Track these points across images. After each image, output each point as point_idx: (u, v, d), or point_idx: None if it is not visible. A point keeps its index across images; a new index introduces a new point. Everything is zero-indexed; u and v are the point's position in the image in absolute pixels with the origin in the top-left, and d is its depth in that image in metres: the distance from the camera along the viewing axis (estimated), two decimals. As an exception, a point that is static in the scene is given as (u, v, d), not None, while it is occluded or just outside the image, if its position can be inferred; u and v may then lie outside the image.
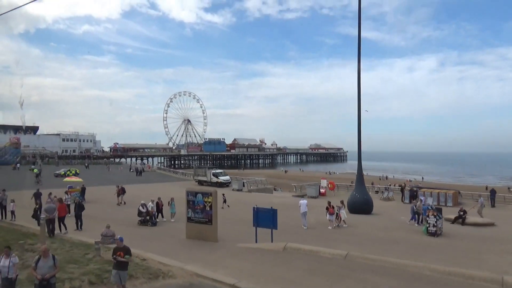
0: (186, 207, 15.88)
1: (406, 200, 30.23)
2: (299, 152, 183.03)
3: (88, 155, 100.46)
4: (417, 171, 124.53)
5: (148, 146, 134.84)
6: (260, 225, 14.91)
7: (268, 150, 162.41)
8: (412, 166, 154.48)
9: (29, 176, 53.42)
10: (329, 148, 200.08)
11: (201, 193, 15.64)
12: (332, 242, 15.81)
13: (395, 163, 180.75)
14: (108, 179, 52.09)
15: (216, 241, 15.17)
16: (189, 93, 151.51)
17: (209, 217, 15.27)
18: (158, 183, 48.11)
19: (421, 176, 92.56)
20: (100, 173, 63.08)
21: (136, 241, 15.17)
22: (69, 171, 55.36)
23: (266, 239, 14.71)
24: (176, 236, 16.24)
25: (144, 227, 17.98)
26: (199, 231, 15.43)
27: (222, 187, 42.79)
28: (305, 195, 34.35)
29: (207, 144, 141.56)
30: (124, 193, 29.62)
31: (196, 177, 46.91)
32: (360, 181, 25.72)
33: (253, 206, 15.36)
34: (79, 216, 17.67)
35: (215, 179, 43.59)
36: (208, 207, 15.30)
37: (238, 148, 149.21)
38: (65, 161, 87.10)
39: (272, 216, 14.61)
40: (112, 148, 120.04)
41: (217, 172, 45.22)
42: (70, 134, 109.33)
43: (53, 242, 14.27)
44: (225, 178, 44.05)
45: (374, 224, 21.16)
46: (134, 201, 29.65)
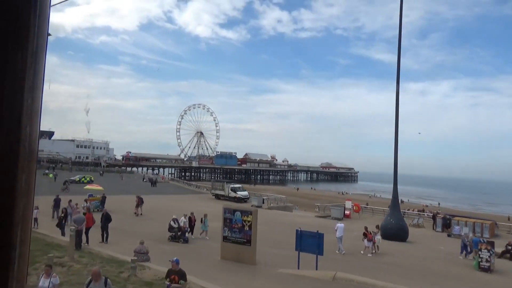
0: (222, 225, 14.79)
1: (438, 228, 28.65)
2: (310, 170, 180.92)
3: (99, 163, 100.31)
4: (430, 196, 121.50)
5: (160, 156, 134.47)
6: (304, 250, 13.73)
7: (279, 167, 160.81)
8: (426, 191, 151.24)
9: (46, 181, 52.93)
10: (340, 167, 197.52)
11: (239, 211, 14.57)
12: (378, 272, 14.50)
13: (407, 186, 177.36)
14: (123, 189, 51.26)
15: (255, 264, 13.99)
16: (203, 106, 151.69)
17: (248, 238, 14.15)
18: (174, 195, 47.11)
19: (437, 202, 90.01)
20: (114, 181, 62.39)
21: (166, 258, 14.05)
22: (84, 178, 54.78)
23: (305, 264, 13.52)
24: (210, 256, 15.09)
25: (175, 243, 16.86)
26: (236, 252, 14.29)
27: (239, 202, 41.59)
28: (329, 216, 32.97)
29: (219, 158, 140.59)
30: (142, 204, 28.74)
31: (213, 190, 45.76)
32: (396, 206, 24.37)
33: (297, 229, 14.26)
34: (105, 228, 16.69)
35: (233, 194, 42.39)
36: (247, 226, 14.19)
37: (250, 163, 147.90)
38: (79, 167, 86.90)
39: (318, 240, 13.45)
40: (125, 156, 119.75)
41: (236, 187, 44.01)
42: (84, 140, 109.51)
43: (81, 255, 13.26)
44: (243, 193, 42.80)
45: (413, 254, 19.75)
46: (152, 213, 28.70)
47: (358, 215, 34.02)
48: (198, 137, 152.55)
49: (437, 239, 24.44)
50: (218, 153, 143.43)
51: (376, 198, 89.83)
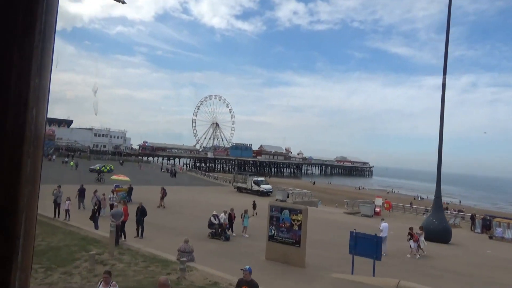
0: (268, 224, 13.76)
1: (477, 229, 27.15)
2: (325, 163, 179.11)
3: (119, 152, 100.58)
4: (449, 193, 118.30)
5: (176, 146, 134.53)
6: (359, 253, 12.60)
7: (294, 159, 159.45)
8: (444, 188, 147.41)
9: (66, 169, 52.86)
10: (355, 161, 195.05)
11: (288, 209, 13.51)
12: (435, 279, 13.32)
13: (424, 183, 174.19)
14: (143, 179, 50.78)
15: (304, 267, 12.96)
16: (219, 97, 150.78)
17: (297, 238, 13.10)
18: (194, 187, 46.42)
19: (458, 200, 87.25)
20: (133, 171, 62.11)
21: (209, 258, 13.19)
22: (104, 167, 54.55)
23: (355, 268, 12.44)
24: (253, 256, 14.10)
25: (216, 241, 15.92)
26: (283, 253, 13.26)
27: (262, 196, 40.64)
28: (359, 212, 31.75)
29: (234, 149, 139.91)
30: (165, 196, 28.02)
31: (235, 183, 44.90)
32: (439, 206, 22.99)
33: (351, 230, 13.11)
34: (141, 222, 15.85)
35: (256, 187, 41.39)
36: (296, 226, 13.14)
37: (265, 155, 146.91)
38: (97, 156, 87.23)
39: (376, 244, 12.30)
40: (141, 146, 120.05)
41: (259, 180, 42.97)
42: (102, 129, 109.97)
43: (121, 252, 12.42)
44: (267, 187, 41.78)
45: (462, 258, 18.46)
46: (176, 206, 27.86)
47: (388, 213, 32.69)
48: (213, 128, 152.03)
49: (480, 242, 23.06)
50: (234, 144, 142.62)
51: (394, 194, 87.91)
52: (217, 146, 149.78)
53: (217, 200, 34.42)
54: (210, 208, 27.80)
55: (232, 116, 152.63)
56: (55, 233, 14.68)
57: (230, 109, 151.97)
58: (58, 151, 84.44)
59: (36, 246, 10.48)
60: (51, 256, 11.45)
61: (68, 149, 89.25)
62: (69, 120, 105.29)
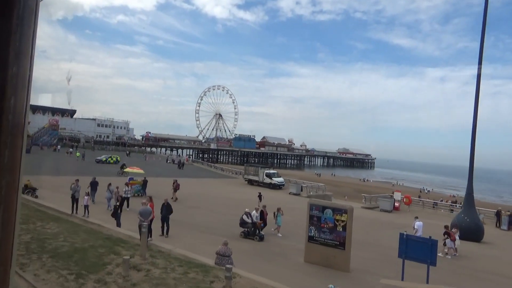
0: (308, 224, 12.73)
1: (504, 226, 26.19)
2: (327, 155, 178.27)
3: (122, 142, 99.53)
4: (452, 185, 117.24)
5: (179, 137, 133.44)
6: (410, 258, 11.57)
7: (297, 151, 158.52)
8: (447, 180, 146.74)
9: (72, 159, 51.82)
10: (357, 153, 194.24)
11: (331, 208, 12.46)
12: (483, 283, 12.36)
13: (426, 175, 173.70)
14: (151, 170, 49.67)
15: (348, 271, 11.96)
16: (223, 88, 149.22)
17: (341, 240, 12.08)
18: (203, 179, 45.42)
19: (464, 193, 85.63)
20: (139, 162, 61.05)
21: (244, 259, 12.18)
22: (110, 158, 53.53)
23: (395, 272, 11.46)
24: (291, 258, 13.11)
25: (249, 241, 14.87)
26: (325, 255, 12.25)
27: (274, 189, 39.70)
28: (377, 207, 30.78)
29: (237, 140, 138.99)
30: (178, 189, 27.07)
31: (246, 175, 43.95)
32: (470, 203, 21.98)
33: (401, 232, 12.06)
34: (167, 220, 14.82)
35: (268, 180, 40.36)
36: (340, 227, 12.11)
37: (268, 147, 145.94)
38: (101, 147, 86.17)
39: (431, 248, 11.26)
40: (144, 137, 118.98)
41: (271, 173, 41.88)
42: (105, 120, 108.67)
43: (152, 255, 11.38)
44: (279, 179, 40.72)
45: (502, 258, 17.49)
46: (191, 200, 26.82)
47: (408, 208, 31.73)
48: (216, 119, 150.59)
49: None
50: (237, 135, 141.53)
51: (399, 187, 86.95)
52: (220, 137, 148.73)
53: (231, 193, 33.51)
54: (227, 203, 27.03)
55: (235, 107, 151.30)
56: (76, 231, 13.65)
57: (233, 100, 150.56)
58: (62, 141, 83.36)
59: (59, 246, 9.03)
60: (79, 260, 10.42)
61: (72, 139, 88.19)
62: (72, 109, 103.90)
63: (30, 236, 12.53)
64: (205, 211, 21.68)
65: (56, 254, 10.80)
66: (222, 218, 19.75)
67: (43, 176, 31.12)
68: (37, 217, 15.43)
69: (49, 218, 15.48)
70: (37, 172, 33.30)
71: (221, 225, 16.96)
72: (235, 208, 23.90)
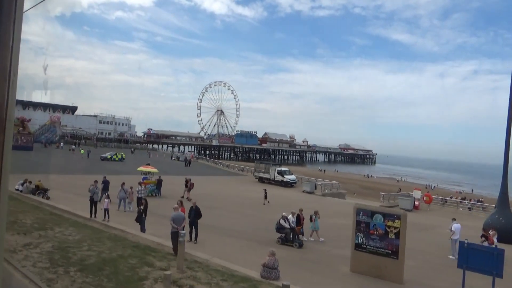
0: (354, 230, 11.65)
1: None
2: (329, 151, 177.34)
3: (125, 139, 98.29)
4: (456, 181, 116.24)
5: (181, 134, 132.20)
6: (472, 268, 10.51)
7: (299, 147, 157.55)
8: (450, 176, 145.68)
9: (76, 157, 50.60)
10: (358, 149, 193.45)
11: (381, 213, 11.37)
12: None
13: (427, 170, 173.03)
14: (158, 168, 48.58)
15: (402, 282, 10.89)
16: (224, 84, 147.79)
17: (393, 248, 11.00)
18: (212, 177, 44.34)
19: (471, 188, 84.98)
20: (143, 159, 59.89)
21: (286, 270, 11.06)
22: (116, 155, 52.36)
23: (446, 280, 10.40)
24: (335, 267, 12.04)
25: (288, 248, 13.72)
26: (374, 265, 11.18)
27: (286, 187, 38.65)
28: (395, 206, 29.74)
29: (239, 137, 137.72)
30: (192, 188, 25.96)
31: (256, 173, 42.85)
32: (505, 203, 20.95)
33: (461, 241, 11.00)
34: (195, 224, 13.73)
35: (280, 178, 39.29)
36: (392, 234, 11.02)
37: (270, 143, 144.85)
38: (103, 144, 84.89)
39: (497, 258, 10.19)
40: (146, 133, 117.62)
41: (282, 170, 40.83)
42: (106, 116, 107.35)
43: (189, 266, 10.28)
44: (291, 177, 39.64)
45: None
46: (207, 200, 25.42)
47: (427, 207, 30.71)
48: (218, 115, 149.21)
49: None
50: (239, 132, 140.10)
51: (403, 183, 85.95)
52: (222, 134, 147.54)
53: (245, 192, 32.41)
54: (245, 202, 25.81)
55: (236, 103, 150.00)
56: (100, 238, 12.55)
57: (234, 96, 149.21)
58: (64, 138, 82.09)
59: (86, 257, 7.49)
60: (111, 274, 9.31)
61: (73, 137, 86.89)
62: (73, 106, 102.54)
63: (50, 244, 11.42)
64: (226, 213, 20.58)
65: (84, 266, 9.68)
66: (247, 221, 18.70)
67: (50, 175, 29.98)
68: (53, 221, 14.34)
69: (66, 223, 14.39)
70: (43, 170, 32.17)
71: (248, 228, 15.90)
72: (256, 209, 22.88)
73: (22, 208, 16.35)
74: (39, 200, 18.40)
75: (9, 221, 13.18)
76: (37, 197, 19.09)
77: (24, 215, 14.85)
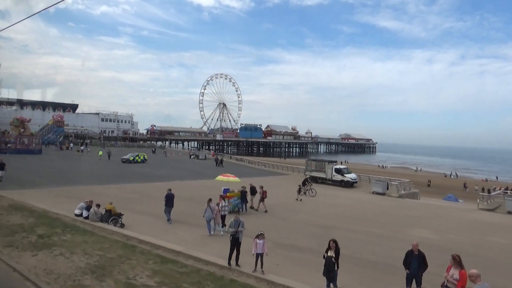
0: None
1: None
2: (331, 141, 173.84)
3: (131, 137, 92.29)
4: (467, 168, 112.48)
5: (184, 129, 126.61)
6: None
7: (303, 139, 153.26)
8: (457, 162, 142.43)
9: (95, 160, 44.87)
10: (359, 138, 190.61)
11: None
12: None
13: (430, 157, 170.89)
14: (187, 169, 43.39)
15: None
16: (225, 76, 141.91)
17: None
18: (255, 178, 39.20)
19: (495, 176, 79.64)
20: (165, 160, 54.45)
21: None
22: (138, 157, 46.85)
23: None
24: None
25: None
26: None
27: (346, 188, 33.88)
28: (497, 207, 25.27)
29: (243, 130, 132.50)
30: (266, 197, 20.91)
31: (308, 172, 37.81)
32: None
33: None
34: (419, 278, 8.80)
35: (339, 177, 34.41)
36: None
37: (275, 135, 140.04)
38: (110, 143, 78.83)
39: None
40: (149, 130, 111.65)
41: (342, 168, 35.95)
42: (109, 114, 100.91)
43: None
44: (352, 176, 34.84)
45: None
46: (276, 209, 20.58)
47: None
48: (220, 109, 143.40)
49: None
50: (243, 125, 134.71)
51: (421, 172, 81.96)
52: (224, 128, 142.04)
53: (327, 198, 27.10)
54: (338, 213, 20.40)
55: (239, 95, 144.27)
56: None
57: (236, 88, 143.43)
58: (68, 138, 75.91)
59: None
60: None
61: (77, 136, 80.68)
62: (74, 104, 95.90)
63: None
64: (365, 236, 15.42)
65: None
66: (380, 243, 13.95)
67: (85, 186, 24.68)
68: (168, 275, 9.23)
69: (196, 275, 9.34)
70: (72, 181, 26.72)
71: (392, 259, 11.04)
72: (386, 225, 17.97)
73: (107, 245, 11.31)
74: (115, 231, 13.26)
75: (106, 271, 8.04)
76: (110, 226, 13.94)
77: (121, 261, 9.85)
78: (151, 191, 24.07)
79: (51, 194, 21.00)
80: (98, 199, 15.64)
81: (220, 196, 18.33)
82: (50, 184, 24.57)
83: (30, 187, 22.66)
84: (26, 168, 32.59)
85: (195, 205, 18.87)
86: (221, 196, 18.40)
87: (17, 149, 47.10)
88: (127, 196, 22.14)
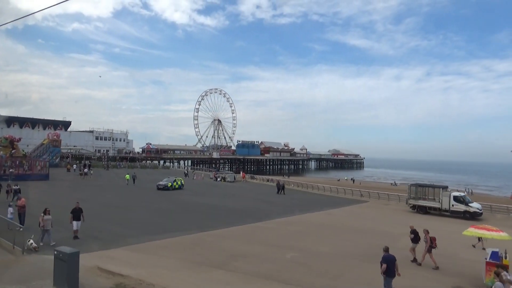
0: None
1: None
2: (321, 157, 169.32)
3: (131, 157, 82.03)
4: (469, 184, 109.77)
5: (179, 147, 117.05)
6: None
7: (299, 155, 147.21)
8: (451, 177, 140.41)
9: (120, 185, 35.66)
10: (347, 154, 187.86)
11: None
12: None
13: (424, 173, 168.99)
14: (254, 199, 35.24)
15: None
16: (220, 91, 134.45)
17: None
18: (328, 210, 31.81)
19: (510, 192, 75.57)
20: (194, 184, 45.67)
21: None
22: (175, 182, 38.14)
23: None
24: None
25: None
26: None
27: (468, 220, 25.99)
28: None
29: (241, 147, 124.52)
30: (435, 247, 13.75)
31: (412, 200, 30.03)
32: None
33: None
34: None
35: (462, 207, 27.11)
36: None
37: (272, 152, 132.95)
38: (112, 164, 68.51)
39: None
40: (145, 149, 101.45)
41: (464, 197, 28.31)
42: (103, 131, 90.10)
43: None
44: (476, 205, 27.54)
45: None
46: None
47: None
48: (215, 126, 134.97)
49: None
50: (239, 142, 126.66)
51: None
52: (219, 145, 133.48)
53: (459, 239, 20.02)
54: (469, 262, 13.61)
55: (233, 111, 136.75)
56: None
57: (230, 104, 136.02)
58: (65, 159, 65.18)
59: None
60: None
61: (74, 157, 69.80)
62: (66, 121, 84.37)
63: None
64: None
65: None
66: None
67: (190, 235, 16.40)
68: None
69: None
70: (160, 227, 18.02)
71: None
72: None
73: None
74: None
75: None
76: None
77: None
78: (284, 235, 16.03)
79: (159, 255, 12.55)
80: None
81: (486, 264, 10.94)
82: (137, 235, 15.81)
83: (113, 242, 14.15)
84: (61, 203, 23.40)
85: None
86: (488, 263, 10.98)
87: (20, 175, 37.31)
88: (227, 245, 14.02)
